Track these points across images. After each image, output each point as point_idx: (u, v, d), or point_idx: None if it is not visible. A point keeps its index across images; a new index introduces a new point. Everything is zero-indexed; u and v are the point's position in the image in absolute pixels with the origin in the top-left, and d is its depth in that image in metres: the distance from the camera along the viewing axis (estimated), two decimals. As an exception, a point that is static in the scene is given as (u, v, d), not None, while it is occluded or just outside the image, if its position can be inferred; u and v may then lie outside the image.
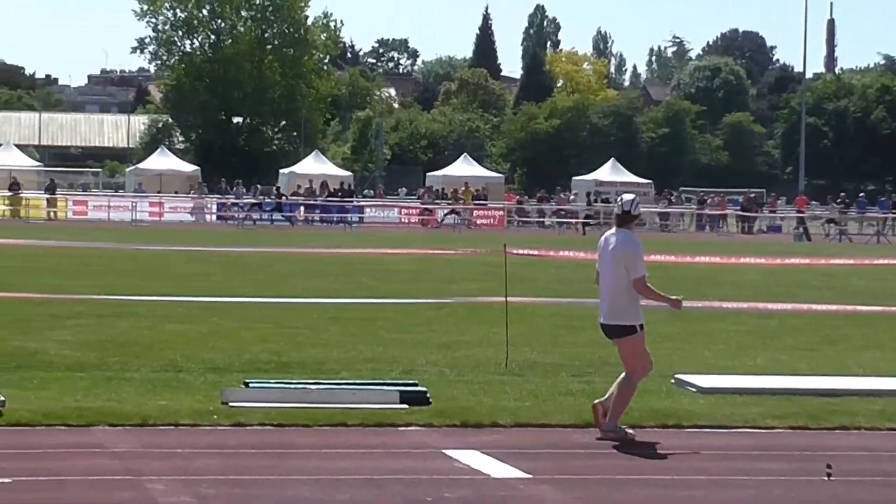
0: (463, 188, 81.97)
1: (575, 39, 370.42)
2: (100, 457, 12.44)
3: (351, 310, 24.73)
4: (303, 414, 14.46)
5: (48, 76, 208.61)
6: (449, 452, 13.05)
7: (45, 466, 11.93)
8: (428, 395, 15.41)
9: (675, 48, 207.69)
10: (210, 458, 12.50)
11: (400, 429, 14.17)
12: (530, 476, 12.17)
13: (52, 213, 76.45)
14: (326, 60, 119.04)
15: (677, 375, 17.44)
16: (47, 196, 78.47)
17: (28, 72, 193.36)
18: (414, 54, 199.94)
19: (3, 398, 14.13)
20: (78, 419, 13.90)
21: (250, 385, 15.59)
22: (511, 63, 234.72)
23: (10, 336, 18.98)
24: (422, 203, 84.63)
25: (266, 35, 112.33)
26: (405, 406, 15.02)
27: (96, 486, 11.30)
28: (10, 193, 77.23)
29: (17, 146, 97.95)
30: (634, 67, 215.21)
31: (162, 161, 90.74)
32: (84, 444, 12.99)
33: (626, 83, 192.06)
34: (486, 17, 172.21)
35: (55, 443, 12.97)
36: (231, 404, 14.80)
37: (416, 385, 15.91)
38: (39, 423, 13.71)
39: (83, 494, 11.02)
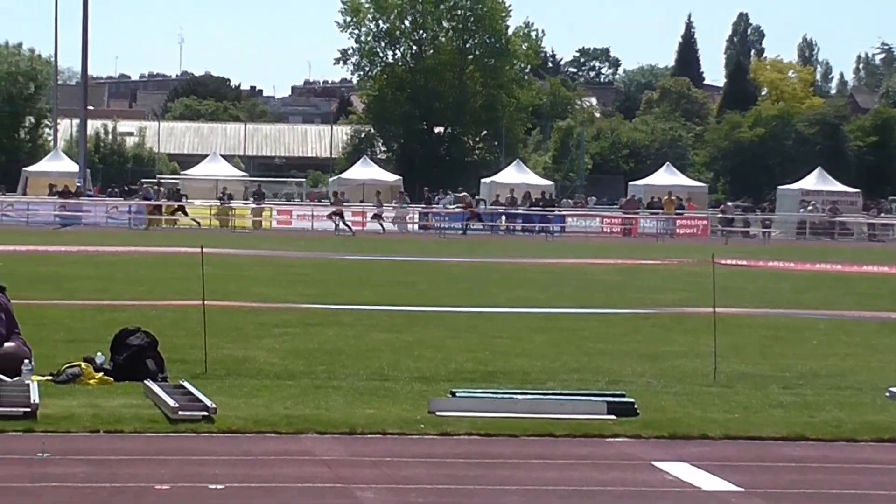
0: (666, 197, 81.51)
1: (779, 47, 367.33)
2: (309, 464, 12.54)
3: (555, 319, 24.65)
4: (509, 424, 14.41)
5: (253, 88, 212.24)
6: (658, 464, 12.91)
7: (256, 473, 12.06)
8: (635, 405, 15.27)
9: (883, 55, 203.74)
10: (418, 467, 12.52)
11: (608, 440, 14.06)
12: (742, 489, 11.97)
13: (257, 222, 77.68)
14: (527, 70, 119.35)
15: (892, 388, 17.06)
16: (254, 205, 79.81)
17: (234, 84, 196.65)
18: (615, 63, 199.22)
19: (214, 405, 14.32)
20: (287, 427, 14.04)
21: (457, 395, 15.59)
22: (714, 71, 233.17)
23: (221, 344, 19.24)
24: (624, 212, 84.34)
25: (467, 45, 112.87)
26: (612, 417, 14.90)
27: (306, 493, 11.39)
28: (221, 203, 78.72)
29: (224, 156, 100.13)
30: (841, 75, 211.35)
31: (364, 171, 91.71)
32: (293, 451, 13.11)
33: (833, 91, 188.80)
34: (689, 26, 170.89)
35: (265, 450, 13.10)
36: (438, 414, 14.82)
37: (623, 396, 15.79)
38: (250, 431, 13.87)
39: (294, 501, 11.12)
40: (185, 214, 77.77)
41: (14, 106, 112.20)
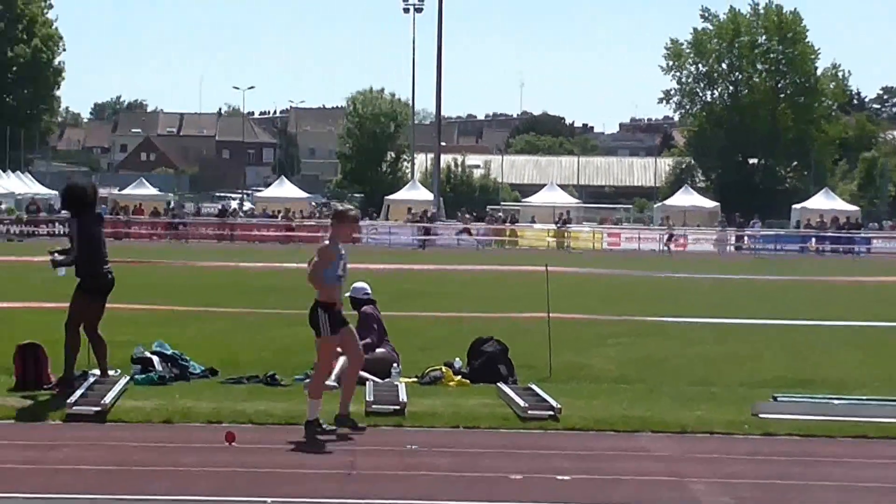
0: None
1: None
2: (645, 460, 12.48)
3: (863, 333, 23.91)
4: (827, 426, 14.09)
5: (585, 125, 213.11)
6: (968, 467, 12.43)
7: (598, 467, 12.06)
8: (947, 413, 14.73)
9: None
10: (744, 464, 12.33)
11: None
12: None
13: (595, 244, 78.00)
14: (835, 107, 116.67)
15: None
16: (587, 228, 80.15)
17: (568, 121, 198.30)
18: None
19: (559, 406, 14.38)
20: (624, 426, 14.00)
21: (778, 399, 15.32)
22: None
23: (563, 351, 19.27)
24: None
25: (779, 85, 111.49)
26: (924, 422, 14.41)
27: (644, 485, 11.33)
28: (557, 227, 79.20)
29: (560, 186, 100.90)
30: None
31: (685, 198, 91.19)
32: (630, 448, 13.07)
33: None
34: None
35: (606, 446, 13.09)
36: (761, 416, 14.58)
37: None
38: (591, 429, 13.89)
39: (633, 493, 11.08)
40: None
41: (377, 143, 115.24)
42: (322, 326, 13.24)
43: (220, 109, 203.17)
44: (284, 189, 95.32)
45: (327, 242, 13.55)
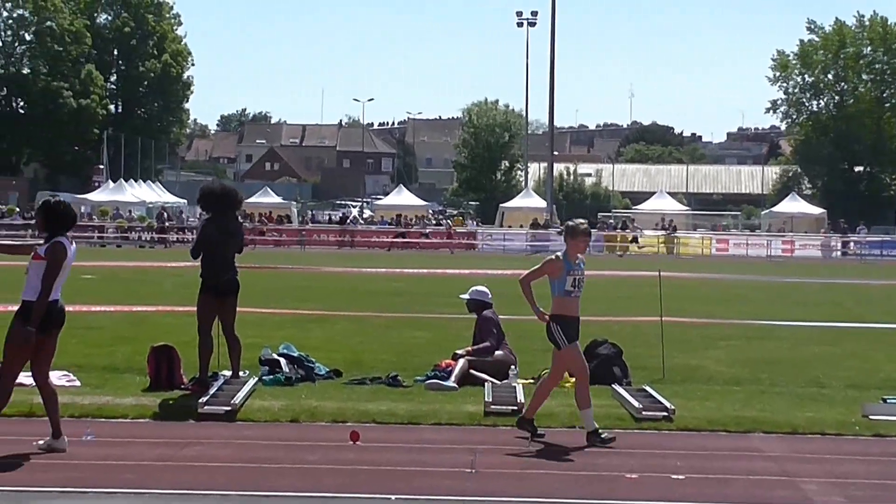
0: None
1: None
2: (757, 459, 12.31)
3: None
4: (937, 428, 13.82)
5: (693, 134, 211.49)
6: None
7: (711, 466, 11.91)
8: None
9: None
10: (855, 464, 12.11)
11: None
12: None
13: (703, 250, 77.34)
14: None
15: None
16: (697, 235, 79.45)
17: (676, 131, 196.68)
18: None
19: (673, 407, 14.24)
20: (736, 426, 13.82)
21: (888, 401, 15.04)
22: None
23: (675, 354, 19.12)
24: None
25: (884, 94, 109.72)
26: None
27: (757, 484, 11.17)
28: (667, 234, 78.67)
29: (669, 193, 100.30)
30: None
31: (792, 205, 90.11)
32: (743, 447, 12.89)
33: None
34: None
35: (718, 446, 12.93)
36: (871, 417, 14.32)
37: None
38: (704, 429, 13.73)
39: (746, 492, 10.92)
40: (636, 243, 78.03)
41: (492, 152, 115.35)
42: (558, 339, 12.96)
43: (340, 121, 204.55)
44: (402, 197, 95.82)
45: (557, 255, 13.24)
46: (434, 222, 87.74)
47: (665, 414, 14.12)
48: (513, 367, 16.76)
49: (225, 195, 16.30)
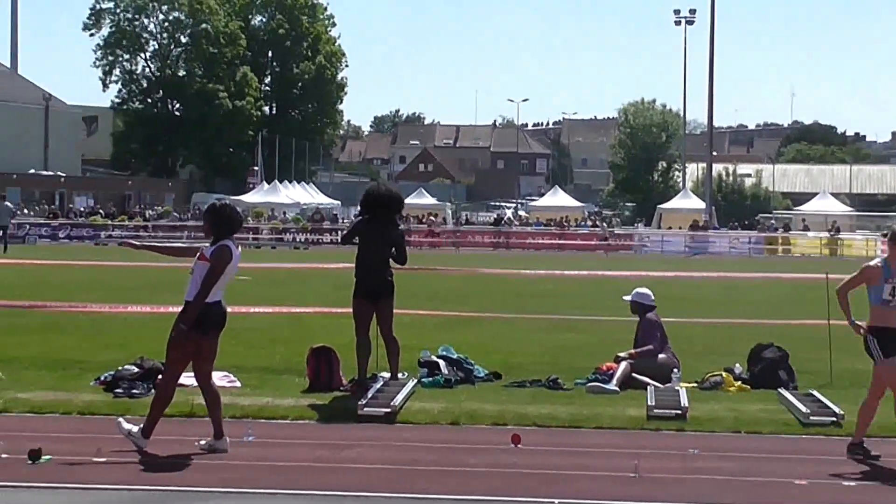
0: None
1: None
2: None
3: None
4: None
5: (857, 133, 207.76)
6: None
7: (883, 473, 11.67)
8: None
9: None
10: None
11: None
12: None
13: (868, 251, 75.83)
14: None
15: None
16: (859, 236, 78.08)
17: (839, 130, 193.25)
18: None
19: (842, 412, 13.97)
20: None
21: None
22: None
23: (843, 357, 18.69)
24: None
25: None
26: None
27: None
28: (830, 235, 77.31)
29: (832, 194, 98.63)
30: None
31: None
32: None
33: None
34: None
35: (889, 452, 12.55)
36: None
37: None
38: (875, 435, 13.27)
39: None
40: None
41: (649, 153, 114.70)
42: (874, 352, 12.53)
43: (494, 121, 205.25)
44: (558, 198, 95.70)
45: (876, 262, 12.70)
46: (590, 223, 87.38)
47: (834, 419, 13.88)
48: (675, 370, 16.62)
49: (390, 199, 16.34)
